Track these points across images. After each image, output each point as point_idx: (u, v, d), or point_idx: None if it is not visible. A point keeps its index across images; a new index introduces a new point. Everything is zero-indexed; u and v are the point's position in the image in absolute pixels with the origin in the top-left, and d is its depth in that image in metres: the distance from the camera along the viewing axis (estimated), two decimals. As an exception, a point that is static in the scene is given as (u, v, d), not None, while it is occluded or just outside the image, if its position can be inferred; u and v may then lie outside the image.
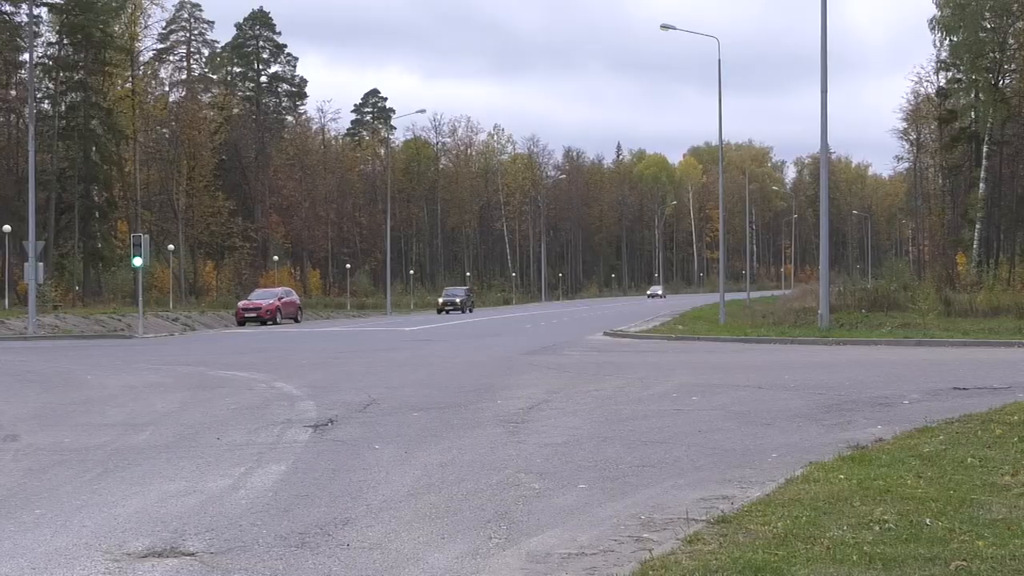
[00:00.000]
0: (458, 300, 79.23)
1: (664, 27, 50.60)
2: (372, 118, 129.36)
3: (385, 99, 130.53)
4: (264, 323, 55.84)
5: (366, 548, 7.41)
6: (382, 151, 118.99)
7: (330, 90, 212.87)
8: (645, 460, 10.90)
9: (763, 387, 17.86)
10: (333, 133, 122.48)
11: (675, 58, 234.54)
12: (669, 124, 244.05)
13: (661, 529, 7.84)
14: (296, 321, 59.87)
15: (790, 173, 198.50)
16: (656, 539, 7.51)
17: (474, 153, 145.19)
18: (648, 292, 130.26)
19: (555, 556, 7.23)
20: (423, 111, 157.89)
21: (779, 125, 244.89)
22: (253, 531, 7.87)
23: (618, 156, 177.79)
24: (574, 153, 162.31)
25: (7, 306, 57.34)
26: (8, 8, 72.38)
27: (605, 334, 38.59)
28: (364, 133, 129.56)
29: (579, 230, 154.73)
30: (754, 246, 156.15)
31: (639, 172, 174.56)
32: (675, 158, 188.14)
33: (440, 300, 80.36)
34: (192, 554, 7.26)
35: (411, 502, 8.95)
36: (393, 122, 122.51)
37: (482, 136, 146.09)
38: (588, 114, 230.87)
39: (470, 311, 78.08)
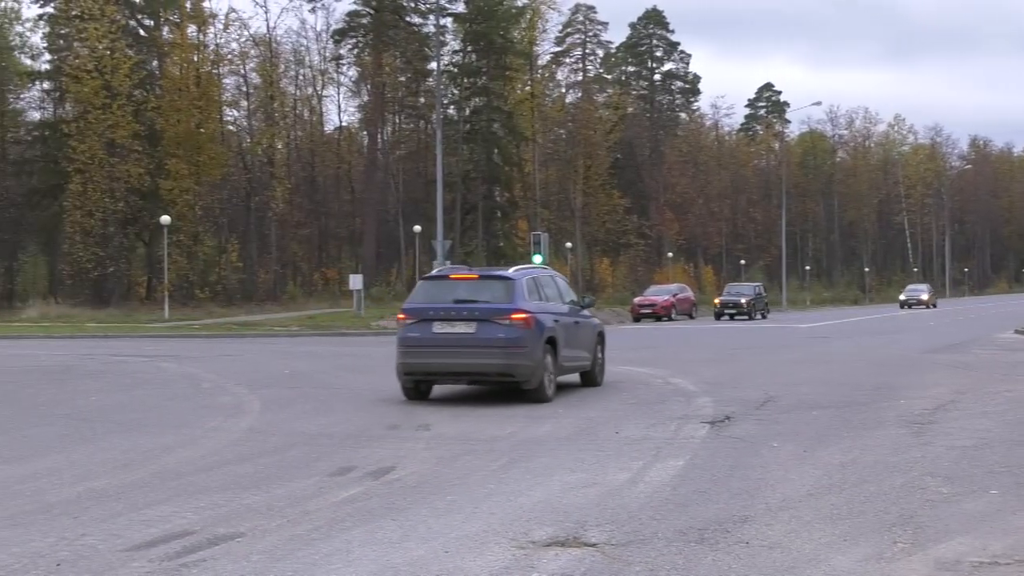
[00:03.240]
0: (743, 301, 59.06)
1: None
2: (766, 112, 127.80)
3: (779, 93, 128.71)
4: (659, 319, 56.25)
5: (766, 547, 7.33)
6: (776, 145, 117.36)
7: (720, 84, 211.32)
8: (1064, 466, 10.23)
9: None
10: (726, 129, 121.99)
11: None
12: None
13: (1084, 541, 7.33)
14: (691, 317, 59.96)
15: None
16: (1078, 551, 7.03)
17: (872, 145, 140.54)
18: None
19: (965, 564, 6.89)
20: (819, 103, 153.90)
21: None
22: (652, 525, 7.94)
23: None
24: (980, 142, 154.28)
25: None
26: (416, 20, 76.60)
27: (1016, 332, 36.49)
28: (758, 128, 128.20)
29: (986, 222, 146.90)
30: None
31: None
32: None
33: (717, 301, 61.06)
34: (593, 545, 7.40)
35: (811, 502, 8.77)
36: (787, 115, 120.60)
37: (880, 127, 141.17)
38: (993, 99, 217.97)
39: (762, 316, 59.79)
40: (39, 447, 12.39)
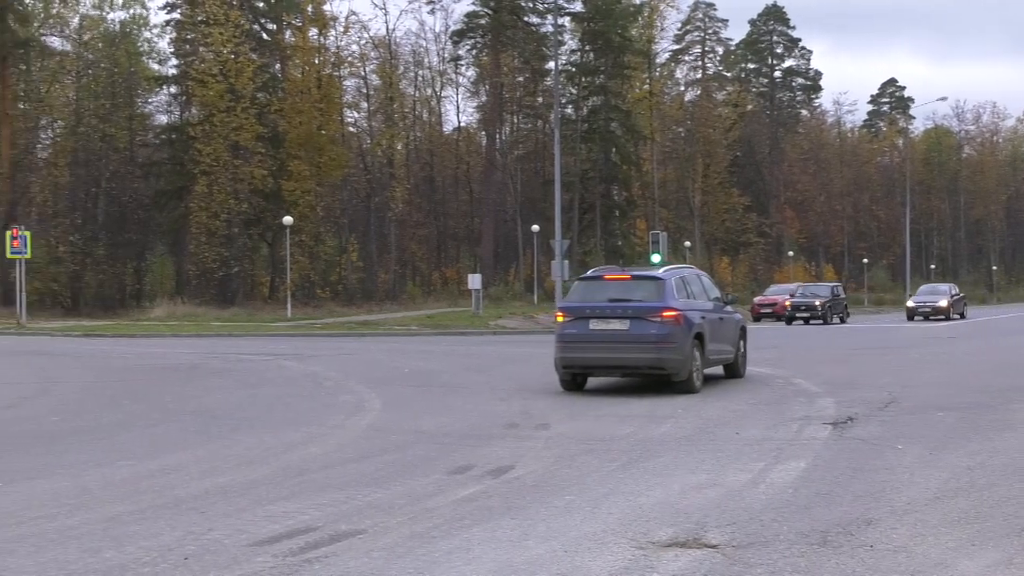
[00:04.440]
0: (817, 304, 51.85)
1: None
2: (890, 108, 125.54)
3: (903, 88, 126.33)
4: (779, 319, 55.62)
5: (890, 551, 7.20)
6: (900, 142, 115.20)
7: (841, 80, 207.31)
8: None
9: None
10: (848, 125, 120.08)
11: None
12: None
13: None
14: (812, 317, 59.11)
15: None
16: None
17: (1000, 140, 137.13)
18: None
19: (1100, 571, 6.70)
20: (944, 99, 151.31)
21: None
22: (773, 527, 7.85)
23: None
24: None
25: (536, 301, 60.76)
26: (534, 20, 76.79)
27: None
28: (881, 124, 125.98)
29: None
30: None
31: None
32: None
33: (787, 303, 53.25)
34: (714, 546, 7.34)
35: (937, 505, 8.59)
36: (911, 111, 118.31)
37: (1009, 122, 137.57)
38: None
39: (841, 319, 53.21)
40: (167, 443, 12.68)
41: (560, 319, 17.97)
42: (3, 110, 65.03)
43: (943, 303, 53.84)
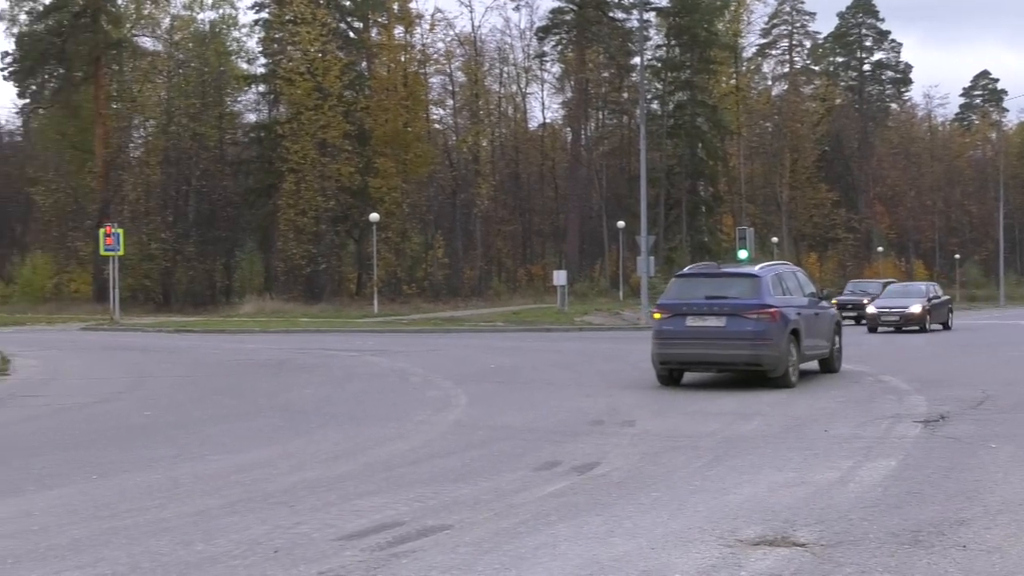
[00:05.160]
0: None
1: None
2: (982, 101, 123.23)
3: (996, 80, 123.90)
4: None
5: (984, 551, 7.07)
6: (993, 135, 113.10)
7: (932, 73, 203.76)
8: None
9: None
10: (940, 119, 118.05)
11: None
12: None
13: None
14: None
15: None
16: None
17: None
18: None
19: None
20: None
21: None
22: (863, 526, 7.75)
23: None
24: None
25: (621, 298, 60.61)
26: (620, 15, 76.52)
27: None
28: (973, 117, 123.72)
29: None
30: None
31: None
32: None
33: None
34: (803, 545, 7.27)
35: (1032, 505, 8.43)
36: (1005, 104, 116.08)
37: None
38: None
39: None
40: (256, 438, 12.84)
41: (657, 316, 18.24)
42: (97, 110, 66.37)
43: (916, 309, 39.11)
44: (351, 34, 70.53)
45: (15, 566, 7.02)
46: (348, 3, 69.69)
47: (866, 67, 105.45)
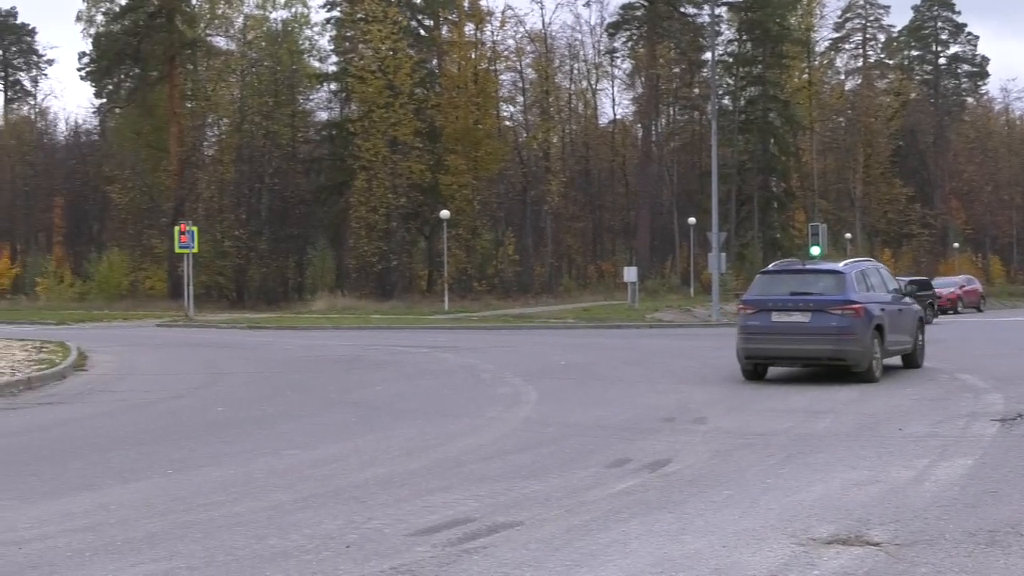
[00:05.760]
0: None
1: None
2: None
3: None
4: (944, 312, 54.22)
5: (1063, 552, 6.97)
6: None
7: (1010, 66, 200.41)
8: None
9: None
10: (1017, 113, 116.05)
11: None
12: None
13: None
14: (978, 310, 57.64)
15: None
16: None
17: None
18: None
19: None
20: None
21: None
22: (939, 525, 7.66)
23: None
24: None
25: (692, 294, 60.33)
26: (691, 10, 76.13)
27: None
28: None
29: None
30: None
31: None
32: None
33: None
34: (876, 544, 7.20)
35: (1113, 506, 8.28)
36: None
37: None
38: None
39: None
40: (328, 433, 12.94)
41: (743, 312, 18.65)
42: (172, 109, 67.19)
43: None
44: (422, 32, 70.78)
45: (92, 559, 7.13)
46: (419, 1, 69.96)
47: (942, 60, 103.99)
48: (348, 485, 9.49)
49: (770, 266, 20.89)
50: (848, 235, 74.28)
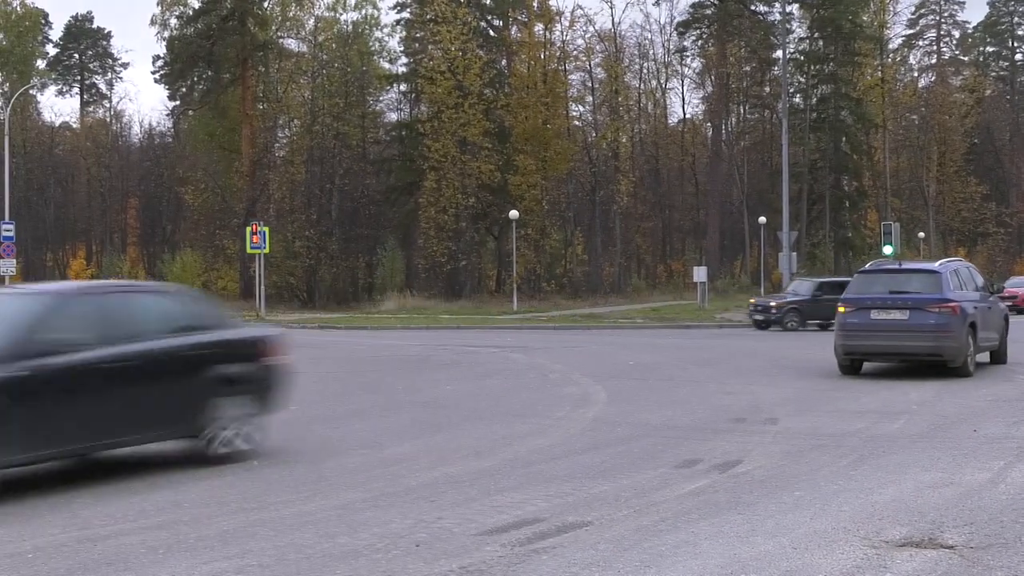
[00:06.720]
0: (772, 305, 37.19)
1: None
2: None
3: None
4: (1020, 312, 53.33)
5: None
6: None
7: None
8: None
9: None
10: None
11: None
12: None
13: None
14: (1055, 310, 56.64)
15: None
16: None
17: None
18: None
19: None
20: None
21: None
22: (1015, 528, 7.55)
23: None
24: None
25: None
26: (762, 8, 75.59)
27: None
28: None
29: None
30: None
31: None
32: None
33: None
34: (950, 547, 7.11)
35: None
36: None
37: None
38: None
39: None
40: (399, 433, 13.01)
41: (842, 310, 19.12)
42: (244, 111, 67.85)
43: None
44: (491, 32, 70.81)
45: (166, 555, 7.23)
46: (488, 2, 70.01)
47: (1018, 56, 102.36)
48: (418, 484, 9.54)
49: (867, 265, 21.53)
50: (921, 234, 73.37)
